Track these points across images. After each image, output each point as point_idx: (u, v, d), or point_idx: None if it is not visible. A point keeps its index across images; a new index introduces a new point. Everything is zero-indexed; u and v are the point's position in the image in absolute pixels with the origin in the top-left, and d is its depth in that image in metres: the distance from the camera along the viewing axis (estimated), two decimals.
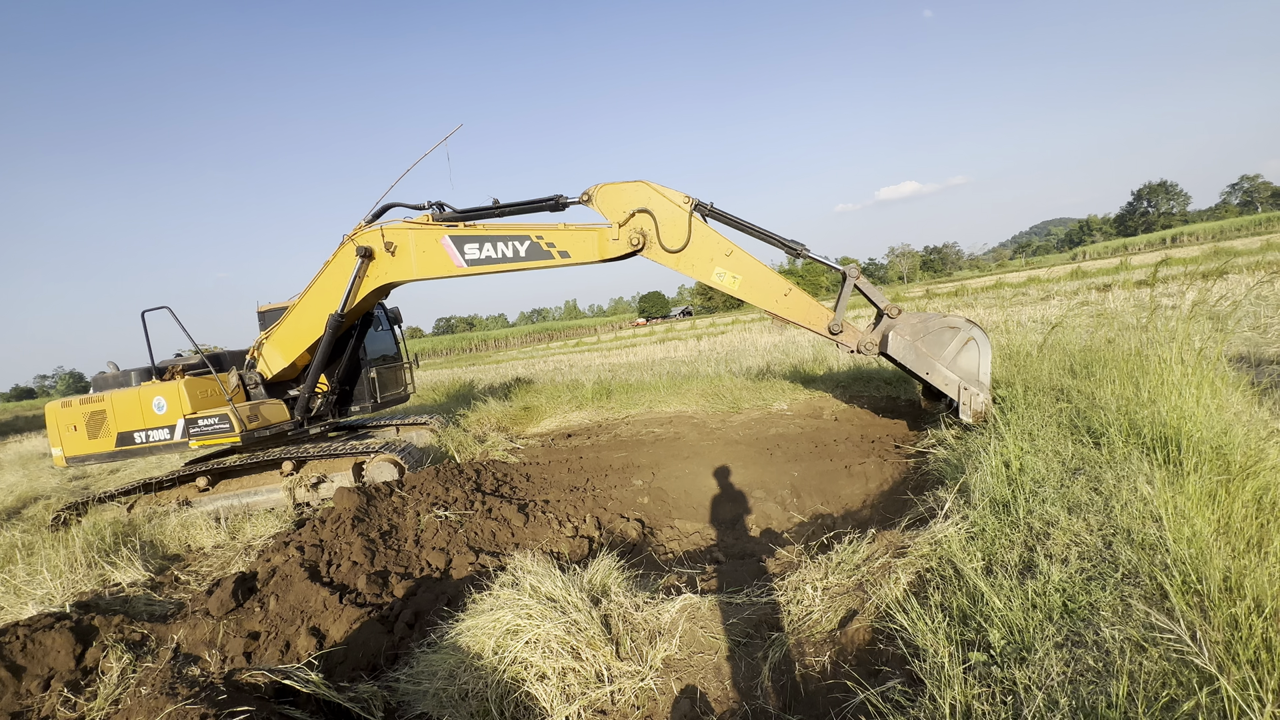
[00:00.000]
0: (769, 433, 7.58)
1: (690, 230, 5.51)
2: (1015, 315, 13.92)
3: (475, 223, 5.89)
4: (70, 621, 3.92)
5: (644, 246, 5.59)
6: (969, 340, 4.97)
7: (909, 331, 5.09)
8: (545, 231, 5.71)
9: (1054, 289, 23.16)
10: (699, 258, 5.60)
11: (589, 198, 5.52)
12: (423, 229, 5.97)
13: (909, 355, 5.11)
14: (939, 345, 5.04)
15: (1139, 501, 2.79)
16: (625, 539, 5.14)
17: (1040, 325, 11.30)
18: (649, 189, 5.49)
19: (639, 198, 5.53)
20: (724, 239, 5.56)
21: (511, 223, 5.87)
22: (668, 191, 5.50)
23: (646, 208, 5.51)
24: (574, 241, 5.68)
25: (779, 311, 5.63)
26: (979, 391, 4.96)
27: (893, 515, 4.43)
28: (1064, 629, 2.16)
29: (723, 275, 5.59)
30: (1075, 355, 5.88)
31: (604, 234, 5.60)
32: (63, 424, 6.63)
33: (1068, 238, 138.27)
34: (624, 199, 5.53)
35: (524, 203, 5.89)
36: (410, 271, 6.09)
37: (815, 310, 5.61)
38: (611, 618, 3.16)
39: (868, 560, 3.26)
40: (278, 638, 3.98)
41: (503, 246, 5.77)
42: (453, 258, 5.91)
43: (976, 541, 3.01)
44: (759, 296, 5.64)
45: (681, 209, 5.51)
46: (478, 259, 5.83)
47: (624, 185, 5.54)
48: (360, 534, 5.02)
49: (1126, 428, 3.69)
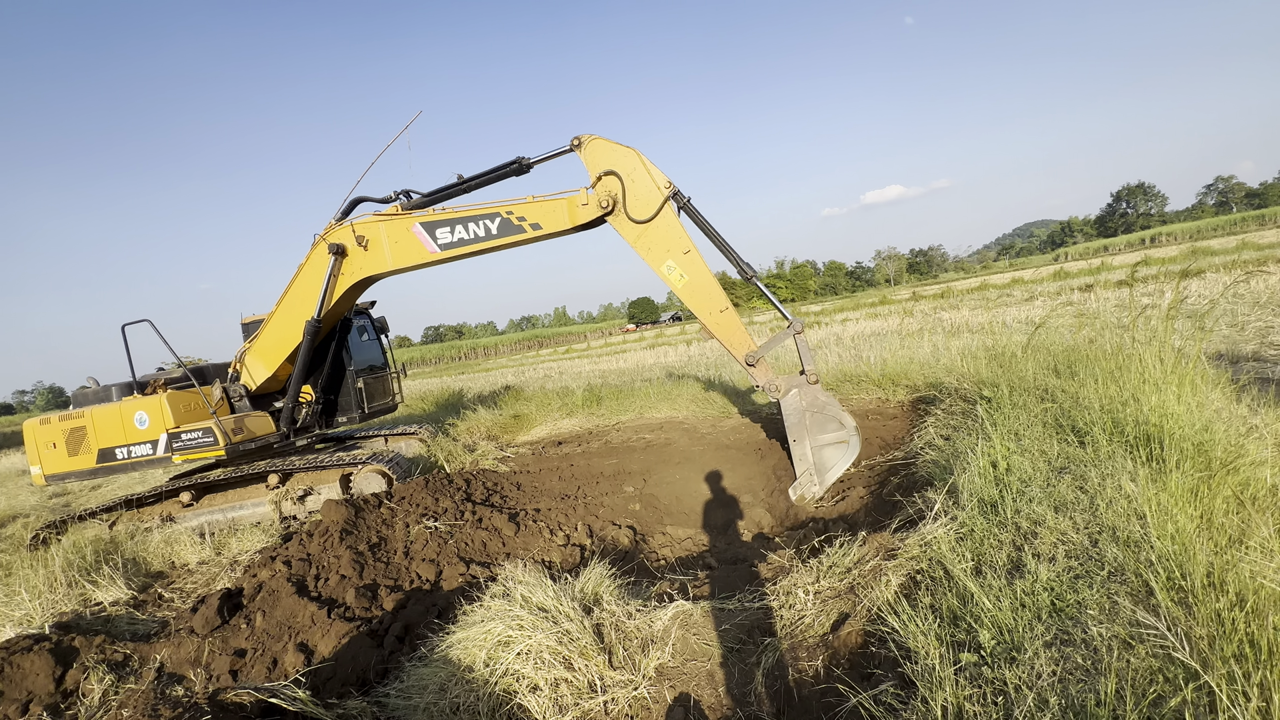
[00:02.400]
0: (760, 437, 7.60)
1: (660, 212, 5.38)
2: (1000, 316, 14.10)
3: (445, 206, 5.76)
4: (49, 643, 3.83)
5: (612, 211, 5.43)
6: (843, 442, 5.22)
7: (809, 401, 5.27)
8: (515, 206, 5.58)
9: (1037, 290, 23.50)
10: (657, 243, 5.46)
11: (579, 144, 5.32)
12: (393, 219, 5.87)
13: (794, 418, 5.31)
14: (819, 427, 5.26)
15: (1123, 499, 2.82)
16: (617, 546, 5.12)
17: (1025, 326, 11.45)
18: (637, 159, 5.34)
19: (625, 164, 5.36)
20: (687, 236, 5.47)
21: (481, 202, 5.72)
22: (654, 170, 5.37)
23: (627, 173, 5.35)
24: (544, 212, 5.54)
25: (709, 325, 5.59)
26: (817, 485, 5.26)
27: (884, 517, 4.45)
28: (1053, 628, 2.17)
29: (672, 270, 5.48)
30: (1059, 355, 5.96)
31: (573, 201, 5.45)
32: (42, 441, 6.50)
33: (1050, 239, 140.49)
34: (611, 159, 5.36)
35: (487, 172, 5.72)
36: (385, 263, 5.96)
37: (741, 336, 5.58)
38: (604, 626, 3.14)
39: (859, 563, 3.27)
40: (265, 654, 3.91)
41: (474, 227, 5.64)
42: (425, 244, 5.78)
43: (966, 542, 3.02)
44: (698, 303, 5.57)
45: (659, 191, 5.38)
46: (450, 242, 5.70)
47: (616, 146, 5.36)
48: (348, 547, 4.96)
49: (1110, 426, 3.74)
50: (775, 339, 5.55)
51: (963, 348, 8.84)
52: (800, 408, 5.29)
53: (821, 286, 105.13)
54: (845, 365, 10.15)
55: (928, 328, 14.95)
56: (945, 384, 6.82)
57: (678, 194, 5.42)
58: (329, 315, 6.38)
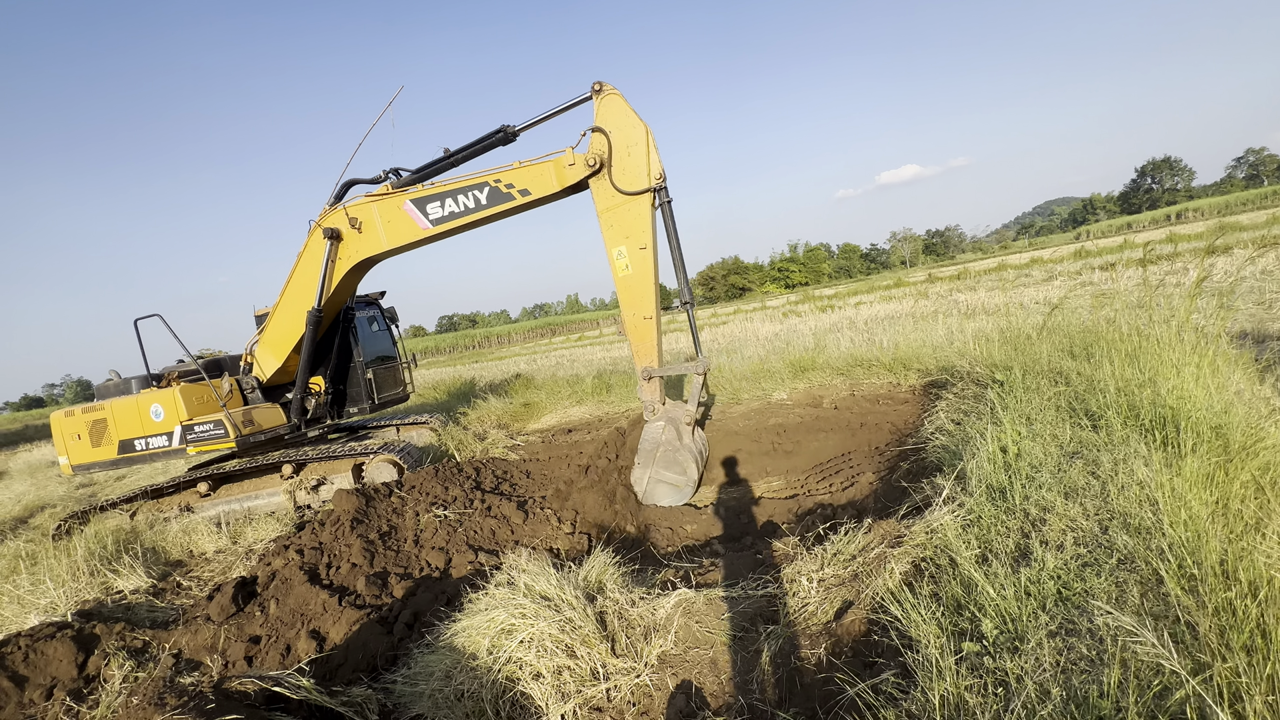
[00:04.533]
0: (768, 423, 7.55)
1: (640, 195, 5.25)
2: (1017, 297, 13.82)
3: (434, 181, 5.73)
4: (72, 630, 3.94)
5: (598, 172, 5.28)
6: (676, 487, 5.43)
7: (669, 437, 5.44)
8: (502, 174, 5.49)
9: (1057, 269, 22.97)
10: (621, 223, 5.34)
11: (599, 90, 5.12)
12: (384, 199, 5.85)
13: (648, 444, 5.52)
14: (666, 464, 5.45)
15: (1136, 485, 2.74)
16: (624, 533, 5.13)
17: (1042, 307, 11.20)
18: (645, 135, 5.16)
19: (631, 134, 5.16)
20: (650, 232, 5.34)
21: (469, 173, 5.65)
22: (654, 154, 5.21)
23: (629, 143, 5.19)
24: (531, 177, 5.43)
25: (628, 325, 5.57)
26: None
27: (892, 504, 4.40)
28: (1057, 617, 2.13)
29: (622, 256, 5.39)
30: (1075, 337, 5.81)
31: (559, 162, 5.34)
32: (67, 433, 6.68)
33: (1071, 217, 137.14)
34: (621, 121, 5.17)
35: (473, 144, 5.65)
36: (380, 244, 5.95)
37: (650, 348, 5.57)
38: (607, 614, 3.15)
39: (864, 550, 3.24)
40: (278, 641, 4.00)
41: (463, 199, 5.58)
42: (417, 221, 5.75)
43: (972, 529, 2.97)
44: (628, 299, 5.53)
45: (648, 178, 5.24)
46: (441, 216, 5.67)
47: (632, 112, 5.15)
48: (359, 535, 5.03)
49: (1125, 409, 3.64)
50: (677, 366, 5.61)
51: (977, 330, 8.68)
52: (658, 440, 5.41)
53: (835, 270, 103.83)
54: (857, 349, 10.02)
55: (942, 310, 14.70)
56: (958, 367, 6.70)
57: (663, 190, 5.30)
58: (330, 303, 6.40)
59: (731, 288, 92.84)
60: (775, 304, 38.85)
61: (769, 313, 28.02)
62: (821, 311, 22.59)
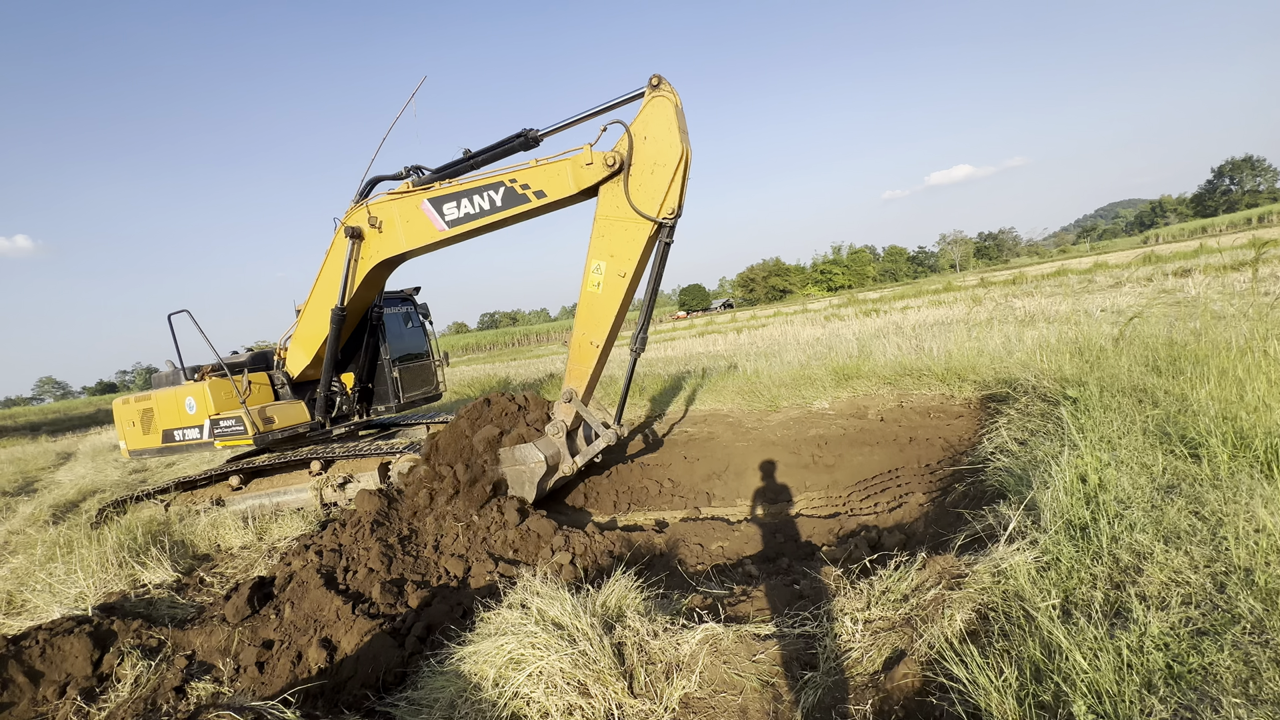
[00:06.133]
0: (808, 434, 7.13)
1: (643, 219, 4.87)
2: (1083, 304, 12.88)
3: (452, 180, 5.55)
4: (90, 626, 3.90)
5: (615, 173, 4.89)
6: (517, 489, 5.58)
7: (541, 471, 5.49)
8: (518, 173, 5.21)
9: (1124, 275, 21.51)
10: (612, 239, 5.02)
11: (657, 84, 4.66)
12: (404, 197, 5.70)
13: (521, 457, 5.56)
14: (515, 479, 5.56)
15: (1259, 533, 2.29)
16: (650, 548, 4.84)
17: (1112, 315, 10.37)
18: (679, 162, 4.68)
19: (667, 153, 4.69)
20: (636, 260, 5.02)
21: (486, 172, 5.45)
22: (678, 185, 4.77)
23: (659, 162, 4.75)
24: (547, 177, 5.12)
25: (573, 343, 5.49)
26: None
27: (945, 531, 3.97)
28: (1170, 701, 1.73)
29: (599, 272, 5.16)
30: (1158, 350, 5.22)
31: (576, 161, 4.97)
32: (124, 419, 6.96)
33: (1138, 220, 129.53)
34: (658, 131, 4.70)
35: (493, 146, 5.42)
36: (400, 244, 5.81)
37: (584, 375, 5.54)
38: (626, 646, 2.87)
39: (917, 590, 2.85)
40: (290, 648, 3.87)
41: (479, 199, 5.37)
42: (433, 221, 5.60)
43: (1049, 574, 2.56)
44: (585, 318, 5.36)
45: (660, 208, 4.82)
46: (457, 218, 5.49)
47: (676, 129, 4.64)
48: (379, 539, 4.90)
49: (1232, 437, 3.14)
50: (595, 422, 5.56)
51: (1039, 339, 8.02)
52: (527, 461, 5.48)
53: (880, 273, 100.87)
54: (905, 357, 9.44)
55: (998, 316, 13.86)
56: (1020, 380, 6.14)
57: (671, 228, 4.95)
58: (354, 303, 6.32)
59: (772, 289, 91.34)
60: (817, 307, 37.85)
61: (810, 316, 27.23)
62: (866, 316, 21.75)
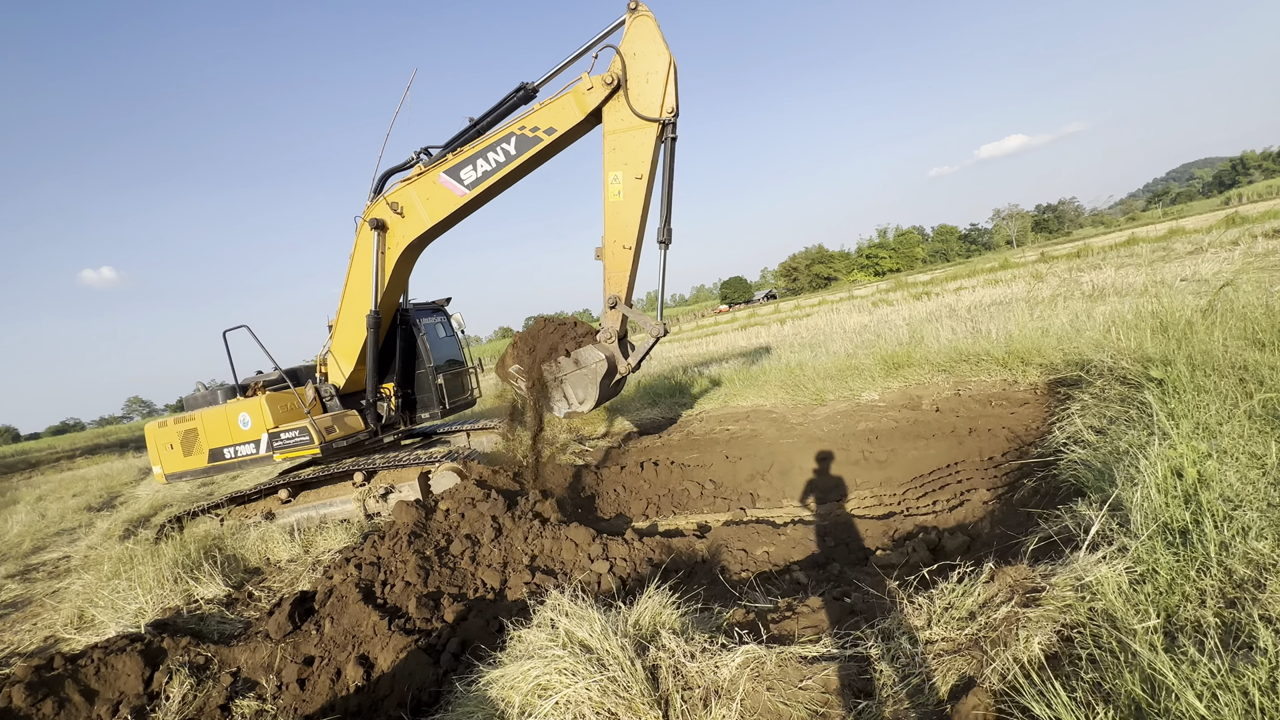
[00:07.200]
0: (857, 428, 6.74)
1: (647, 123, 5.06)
2: (1160, 275, 11.86)
3: (462, 149, 5.80)
4: (141, 644, 4.00)
5: (615, 91, 5.15)
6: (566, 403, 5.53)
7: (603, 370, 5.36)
8: (525, 119, 5.49)
9: (1206, 240, 19.77)
10: (623, 149, 5.19)
11: (635, 8, 5.03)
12: (419, 179, 5.99)
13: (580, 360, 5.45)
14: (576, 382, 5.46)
15: None
16: (691, 555, 4.62)
17: (1195, 285, 9.45)
18: (668, 65, 4.98)
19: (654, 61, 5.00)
20: (648, 163, 5.14)
21: (494, 131, 5.70)
22: (672, 87, 5.03)
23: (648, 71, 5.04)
24: (553, 114, 5.40)
25: (606, 251, 5.38)
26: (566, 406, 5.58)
27: (1014, 533, 3.59)
28: None
29: (617, 182, 5.22)
30: (1258, 320, 4.62)
31: (578, 89, 5.25)
32: (160, 443, 7.08)
33: (1217, 180, 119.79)
34: (647, 46, 5.03)
35: (495, 108, 5.69)
36: (423, 222, 6.09)
37: (623, 277, 5.36)
38: (660, 669, 2.66)
39: (985, 606, 2.53)
40: (330, 664, 3.86)
41: (493, 155, 5.65)
42: (454, 189, 5.85)
43: (1145, 588, 2.21)
44: (613, 225, 5.31)
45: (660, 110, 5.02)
46: (476, 179, 5.75)
47: (660, 40, 4.98)
48: (415, 551, 4.86)
49: None
50: (641, 317, 5.39)
51: (1112, 314, 7.34)
52: (588, 363, 5.36)
53: (930, 253, 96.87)
54: (961, 341, 8.85)
55: (1063, 293, 12.93)
56: (1093, 361, 5.58)
57: (672, 125, 5.12)
58: (386, 299, 6.52)
59: (816, 277, 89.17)
60: (864, 293, 36.59)
61: (857, 302, 26.28)
62: (916, 299, 20.79)
